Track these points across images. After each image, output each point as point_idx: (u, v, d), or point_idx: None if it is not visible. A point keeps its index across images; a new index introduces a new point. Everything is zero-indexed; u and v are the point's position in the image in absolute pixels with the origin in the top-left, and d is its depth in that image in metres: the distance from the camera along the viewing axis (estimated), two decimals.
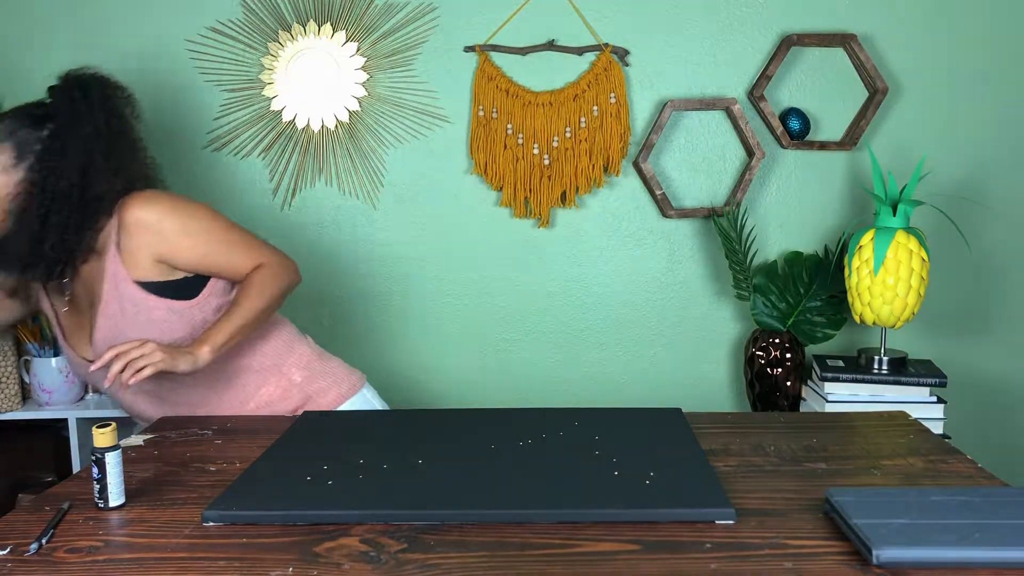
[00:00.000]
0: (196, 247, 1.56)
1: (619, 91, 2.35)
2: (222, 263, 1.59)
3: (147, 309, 1.53)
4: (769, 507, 1.12)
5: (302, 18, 2.34)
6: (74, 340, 1.62)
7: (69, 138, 1.53)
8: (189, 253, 1.55)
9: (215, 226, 1.59)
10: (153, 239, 1.53)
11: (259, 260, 1.60)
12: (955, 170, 2.41)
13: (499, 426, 1.43)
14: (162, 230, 1.53)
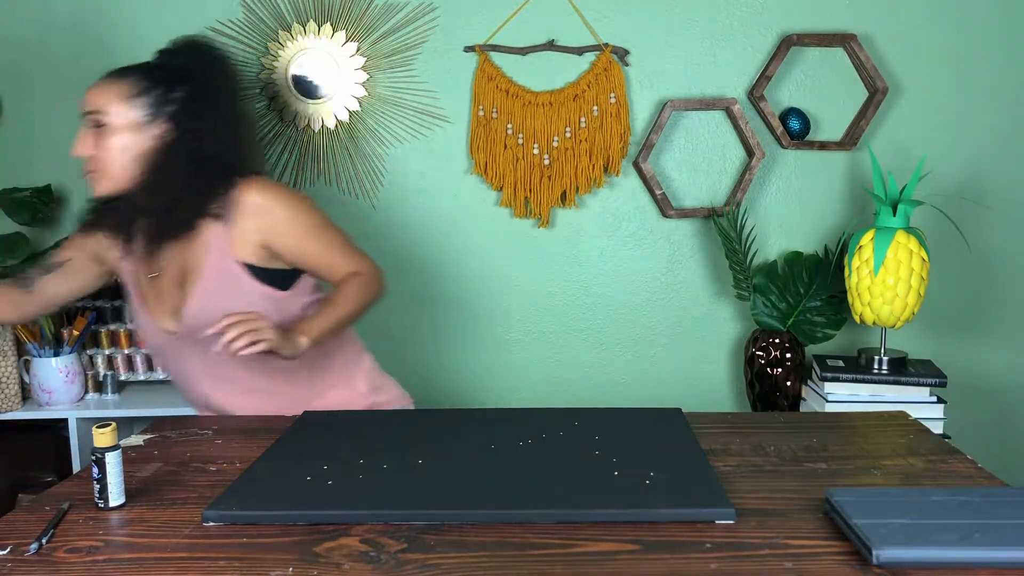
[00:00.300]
0: (303, 240, 1.58)
1: (619, 91, 2.35)
2: (322, 260, 1.60)
3: (245, 291, 1.55)
4: (769, 507, 1.12)
5: (302, 18, 2.34)
6: (152, 309, 1.61)
7: (205, 102, 1.57)
8: (295, 244, 1.57)
9: (322, 224, 1.61)
10: (265, 223, 1.55)
11: (356, 266, 1.62)
12: (955, 170, 2.41)
13: (499, 426, 1.43)
14: (276, 217, 1.55)
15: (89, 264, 1.69)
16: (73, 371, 2.17)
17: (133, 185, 1.55)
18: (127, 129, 1.53)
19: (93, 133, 1.54)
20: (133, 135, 1.54)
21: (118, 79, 1.55)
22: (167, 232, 1.55)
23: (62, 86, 2.38)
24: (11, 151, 2.40)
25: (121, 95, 1.53)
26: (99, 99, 1.53)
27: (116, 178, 1.55)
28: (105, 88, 1.54)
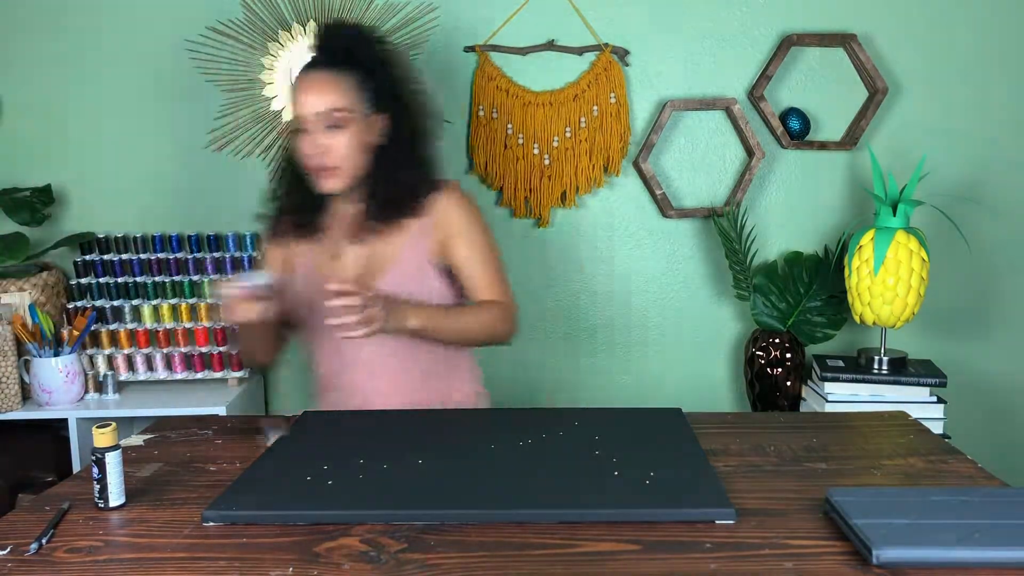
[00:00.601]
0: (472, 249, 1.65)
1: (619, 91, 2.35)
2: (476, 274, 1.66)
3: (429, 284, 1.62)
4: (769, 507, 1.12)
5: (302, 18, 2.34)
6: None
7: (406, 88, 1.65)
8: (466, 250, 1.65)
9: (491, 243, 1.70)
10: (451, 222, 1.64)
11: (500, 296, 1.68)
12: (955, 170, 2.41)
13: (499, 426, 1.43)
14: (461, 219, 1.65)
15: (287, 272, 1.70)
16: (73, 371, 2.17)
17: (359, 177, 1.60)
18: (358, 123, 1.56)
19: (325, 133, 1.55)
20: (362, 128, 1.57)
21: (336, 74, 1.55)
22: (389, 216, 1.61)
23: (62, 86, 2.38)
24: (11, 151, 2.40)
25: (350, 90, 1.55)
26: (331, 98, 1.54)
27: (350, 174, 1.59)
28: (331, 85, 1.54)
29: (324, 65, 1.56)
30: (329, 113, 1.53)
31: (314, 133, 1.54)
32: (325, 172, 1.56)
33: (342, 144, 1.55)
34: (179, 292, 2.35)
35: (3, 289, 2.19)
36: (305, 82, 1.56)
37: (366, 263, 1.63)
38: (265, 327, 1.59)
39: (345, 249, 1.65)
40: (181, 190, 2.42)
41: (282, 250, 1.71)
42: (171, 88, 2.37)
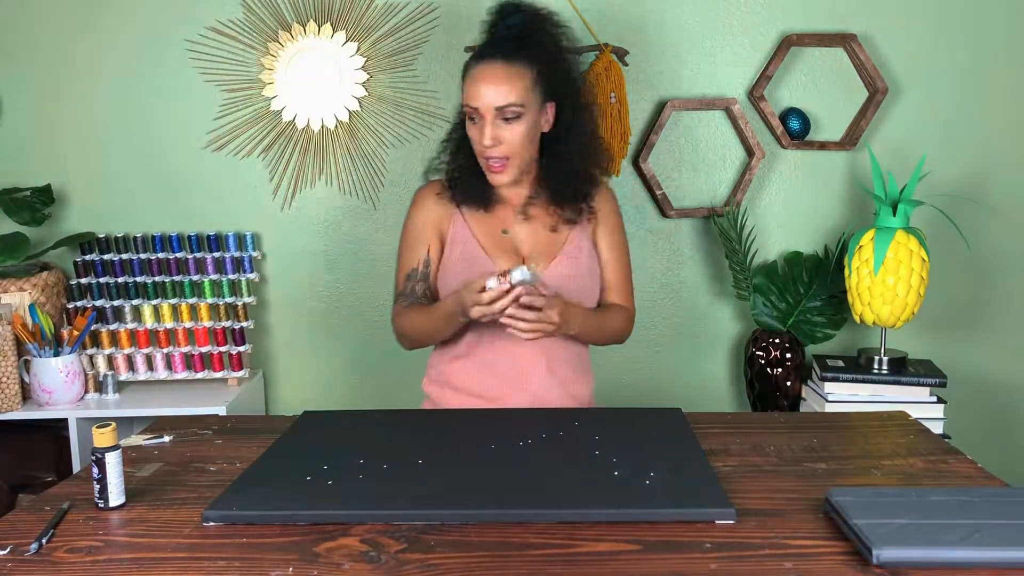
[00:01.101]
0: (615, 246, 1.74)
1: (619, 91, 2.35)
2: (613, 273, 1.74)
3: (592, 267, 1.69)
4: (769, 507, 1.12)
5: (302, 18, 2.34)
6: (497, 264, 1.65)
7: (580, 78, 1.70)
8: (610, 246, 1.73)
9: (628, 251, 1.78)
10: (605, 214, 1.72)
11: (627, 302, 1.77)
12: (955, 170, 2.41)
13: (499, 426, 1.43)
14: (613, 214, 1.74)
15: (439, 245, 1.72)
16: (73, 371, 2.17)
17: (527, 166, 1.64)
18: (533, 114, 1.59)
19: (501, 124, 1.57)
20: (536, 119, 1.60)
21: (517, 67, 1.56)
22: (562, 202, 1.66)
23: (62, 86, 2.38)
24: (11, 151, 2.40)
25: (523, 81, 1.56)
26: (511, 91, 1.55)
27: (520, 165, 1.63)
28: (510, 78, 1.55)
29: (504, 56, 1.57)
30: (507, 107, 1.55)
31: (488, 125, 1.56)
32: (497, 164, 1.59)
33: (517, 136, 1.58)
34: (179, 292, 2.35)
35: (3, 289, 2.19)
36: (484, 73, 1.56)
37: (537, 242, 1.67)
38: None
39: (515, 226, 1.69)
40: (181, 190, 2.42)
41: (438, 212, 1.71)
42: (171, 88, 2.37)
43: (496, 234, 1.68)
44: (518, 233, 1.69)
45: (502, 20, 1.64)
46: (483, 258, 1.65)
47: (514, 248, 1.68)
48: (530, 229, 1.69)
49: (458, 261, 1.66)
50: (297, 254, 2.45)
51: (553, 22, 1.66)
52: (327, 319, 2.48)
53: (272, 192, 2.42)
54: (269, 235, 2.45)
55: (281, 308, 2.48)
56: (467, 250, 1.67)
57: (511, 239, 1.68)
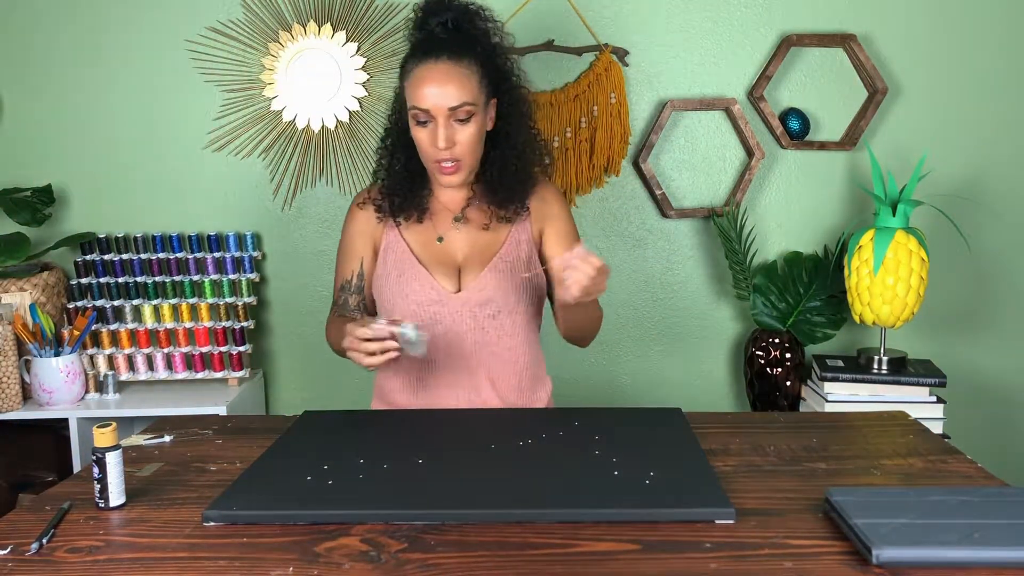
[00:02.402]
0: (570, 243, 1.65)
1: (619, 91, 2.35)
2: None
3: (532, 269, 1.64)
4: (769, 507, 1.12)
5: (302, 18, 2.34)
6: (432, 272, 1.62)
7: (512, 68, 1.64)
8: (561, 245, 1.65)
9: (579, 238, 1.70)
10: (550, 212, 1.67)
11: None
12: (955, 170, 2.41)
13: (499, 426, 1.43)
14: (558, 209, 1.68)
15: (372, 255, 1.68)
16: (73, 371, 2.17)
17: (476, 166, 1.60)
18: (481, 113, 1.55)
19: (453, 126, 1.53)
20: (483, 117, 1.56)
21: (456, 62, 1.52)
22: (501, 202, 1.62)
23: (62, 86, 2.38)
24: (11, 151, 2.40)
25: (472, 80, 1.52)
26: (461, 91, 1.51)
27: (472, 166, 1.59)
28: (459, 78, 1.51)
29: (451, 54, 1.52)
30: (460, 107, 1.51)
31: (440, 127, 1.52)
32: (449, 166, 1.55)
33: (468, 137, 1.54)
34: (179, 292, 2.35)
35: (4, 289, 2.19)
36: (432, 72, 1.51)
37: (473, 247, 1.63)
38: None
39: (451, 232, 1.64)
40: (181, 190, 2.42)
41: (372, 221, 1.67)
42: (171, 88, 2.38)
43: (431, 242, 1.64)
44: (453, 239, 1.64)
45: (433, 16, 1.58)
46: (417, 267, 1.61)
47: (450, 255, 1.63)
48: (465, 234, 1.64)
49: (391, 270, 1.63)
50: (297, 254, 2.46)
51: (484, 16, 1.61)
52: (327, 319, 2.48)
53: (272, 192, 2.42)
54: (269, 235, 2.45)
55: (281, 308, 2.48)
56: (400, 260, 1.62)
57: (446, 246, 1.63)
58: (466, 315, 1.59)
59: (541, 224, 1.67)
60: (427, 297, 1.60)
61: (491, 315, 1.59)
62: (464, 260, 1.63)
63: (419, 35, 1.59)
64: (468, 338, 1.60)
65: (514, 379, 1.65)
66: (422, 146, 1.56)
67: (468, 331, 1.60)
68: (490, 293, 1.59)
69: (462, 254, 1.63)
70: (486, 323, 1.59)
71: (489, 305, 1.59)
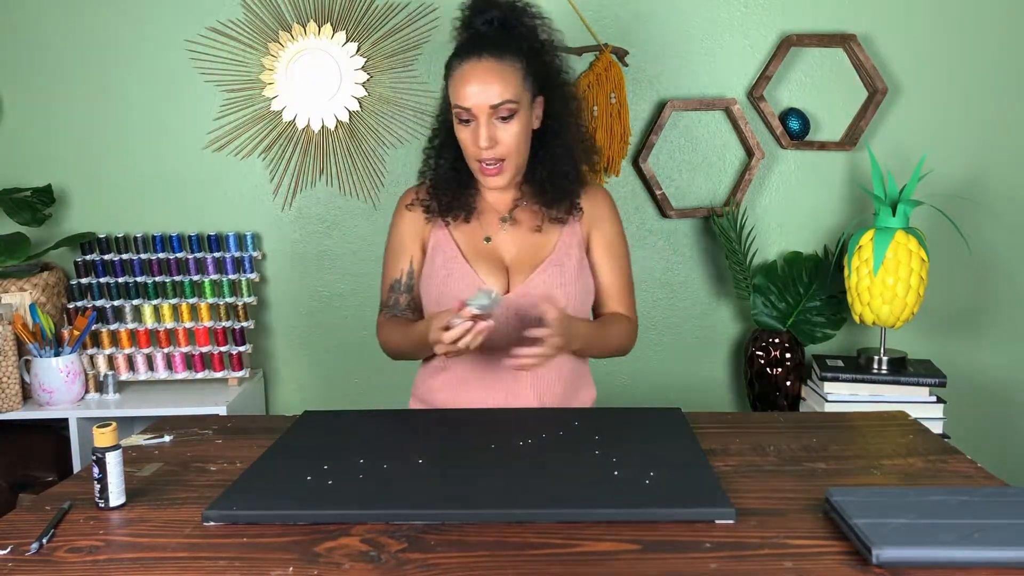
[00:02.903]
0: (612, 251, 1.65)
1: (619, 91, 2.35)
2: (612, 280, 1.66)
3: (581, 275, 1.60)
4: (769, 507, 1.12)
5: (302, 18, 2.34)
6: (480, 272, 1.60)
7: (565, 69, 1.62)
8: (606, 251, 1.64)
9: (627, 253, 1.69)
10: (599, 216, 1.64)
11: (628, 311, 1.69)
12: (955, 170, 2.41)
13: (499, 426, 1.43)
14: (608, 217, 1.65)
15: (420, 255, 1.67)
16: (74, 371, 2.17)
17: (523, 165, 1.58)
18: (525, 111, 1.53)
19: (495, 125, 1.51)
20: (528, 116, 1.54)
21: (498, 60, 1.50)
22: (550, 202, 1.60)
23: (62, 86, 2.38)
24: (11, 151, 2.40)
25: (515, 77, 1.50)
26: (503, 89, 1.49)
27: (517, 165, 1.57)
28: (502, 75, 1.49)
29: (493, 52, 1.50)
30: (502, 105, 1.49)
31: (483, 126, 1.50)
32: (493, 167, 1.53)
33: (512, 135, 1.51)
34: (179, 292, 2.35)
35: (4, 289, 2.19)
36: (474, 70, 1.49)
37: (522, 248, 1.61)
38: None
39: (499, 233, 1.62)
40: (181, 190, 2.42)
41: (420, 220, 1.66)
42: (171, 88, 2.38)
43: (478, 242, 1.62)
44: (502, 240, 1.62)
45: (479, 15, 1.57)
46: (464, 267, 1.59)
47: (497, 256, 1.61)
48: (513, 235, 1.62)
49: (439, 270, 1.61)
50: (297, 254, 2.46)
51: (531, 13, 1.59)
52: (327, 319, 2.48)
53: (272, 192, 2.42)
54: (269, 235, 2.45)
55: (281, 308, 2.48)
56: (448, 259, 1.61)
57: (494, 247, 1.62)
58: (512, 317, 1.57)
59: (590, 227, 1.65)
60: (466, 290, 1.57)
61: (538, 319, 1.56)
62: (512, 261, 1.61)
63: (465, 34, 1.58)
64: (514, 340, 1.57)
65: (558, 385, 1.63)
66: (465, 145, 1.54)
67: (514, 333, 1.57)
68: (544, 291, 1.56)
69: (510, 255, 1.62)
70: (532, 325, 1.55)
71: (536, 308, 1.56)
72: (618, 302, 1.67)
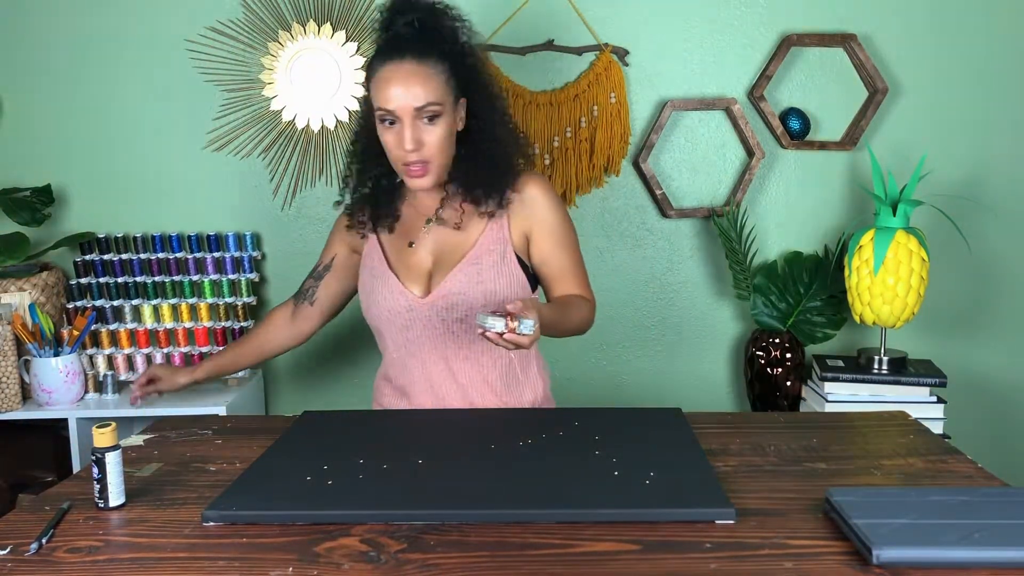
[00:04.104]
0: (559, 242, 1.62)
1: (619, 91, 2.35)
2: (564, 270, 1.64)
3: (507, 273, 1.58)
4: (769, 507, 1.12)
5: (302, 18, 2.34)
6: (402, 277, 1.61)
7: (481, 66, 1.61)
8: (552, 243, 1.62)
9: (575, 240, 1.66)
10: (537, 213, 1.60)
11: (585, 292, 1.66)
12: (955, 170, 2.41)
13: (499, 426, 1.43)
14: (547, 211, 1.61)
15: (351, 256, 1.71)
16: (73, 371, 2.17)
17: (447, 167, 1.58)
18: (449, 113, 1.53)
19: (420, 127, 1.50)
20: (451, 117, 1.54)
21: (430, 64, 1.50)
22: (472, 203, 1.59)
23: (62, 86, 2.38)
24: (11, 151, 2.40)
25: (438, 79, 1.50)
26: (427, 91, 1.48)
27: (442, 167, 1.56)
28: (426, 77, 1.49)
29: (415, 54, 1.50)
30: (426, 107, 1.49)
31: (407, 128, 1.50)
32: (417, 168, 1.52)
33: (437, 137, 1.51)
34: (179, 292, 2.35)
35: (3, 289, 2.19)
36: (397, 72, 1.49)
37: (443, 249, 1.61)
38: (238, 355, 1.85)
39: (421, 236, 1.63)
40: (181, 190, 2.42)
41: (350, 236, 1.71)
42: (171, 88, 2.38)
43: (404, 247, 1.64)
44: (425, 244, 1.62)
45: (399, 16, 1.56)
46: (388, 274, 1.61)
47: (419, 260, 1.62)
48: (435, 237, 1.62)
49: (367, 279, 1.64)
50: (297, 254, 2.45)
51: (451, 16, 1.58)
52: None
53: (272, 192, 2.42)
54: (269, 235, 2.45)
55: None
56: (375, 266, 1.63)
57: (416, 250, 1.63)
58: (435, 320, 1.58)
59: (526, 225, 1.61)
60: (397, 304, 1.60)
61: (459, 318, 1.57)
62: (434, 264, 1.61)
63: (385, 35, 1.58)
64: (440, 343, 1.60)
65: (497, 382, 1.63)
66: (389, 148, 1.53)
67: (439, 336, 1.59)
68: (456, 297, 1.56)
69: (432, 258, 1.62)
70: (455, 327, 1.58)
71: (456, 309, 1.57)
72: (572, 284, 1.64)
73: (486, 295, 1.56)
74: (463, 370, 1.61)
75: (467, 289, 1.56)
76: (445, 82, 1.51)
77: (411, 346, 1.61)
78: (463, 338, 1.59)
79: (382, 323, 1.62)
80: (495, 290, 1.57)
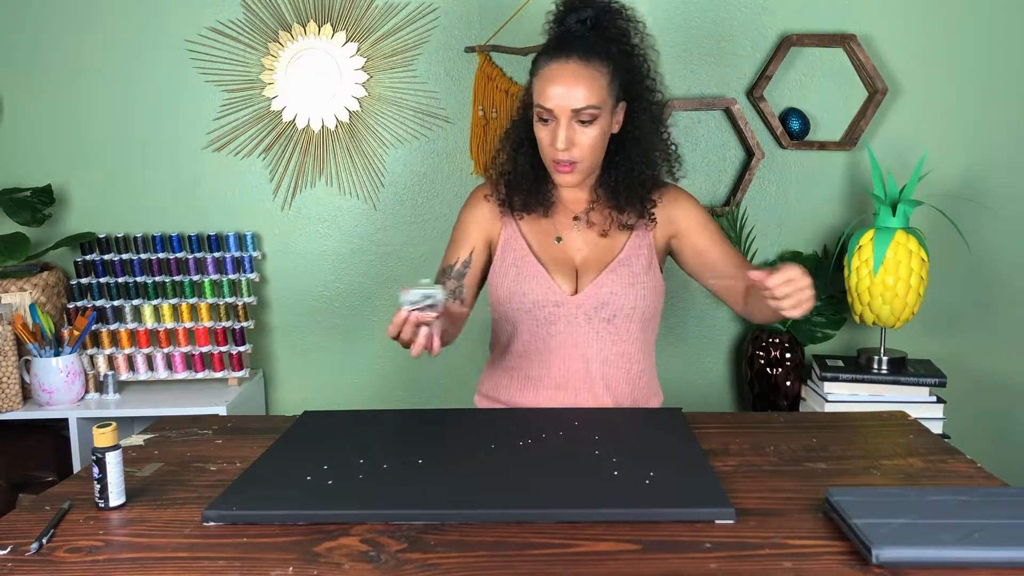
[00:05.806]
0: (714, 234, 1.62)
1: None
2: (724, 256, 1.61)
3: (653, 281, 1.60)
4: (769, 507, 1.12)
5: (302, 18, 2.34)
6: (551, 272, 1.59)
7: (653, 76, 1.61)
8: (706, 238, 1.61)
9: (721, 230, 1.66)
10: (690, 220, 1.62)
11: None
12: (955, 170, 2.41)
13: (499, 426, 1.43)
14: (694, 211, 1.63)
15: (486, 248, 1.66)
16: (73, 371, 2.17)
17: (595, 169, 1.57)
18: (606, 116, 1.52)
19: (574, 128, 1.49)
20: (607, 121, 1.53)
21: (585, 62, 1.48)
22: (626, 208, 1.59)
23: (62, 86, 2.38)
24: (11, 151, 2.40)
25: (600, 82, 1.49)
26: (587, 94, 1.47)
27: (590, 168, 1.56)
28: (587, 80, 1.47)
29: (581, 55, 1.48)
30: (584, 110, 1.48)
31: (562, 127, 1.49)
32: (566, 166, 1.52)
33: (589, 139, 1.50)
34: (179, 292, 2.35)
35: (4, 289, 2.19)
36: (560, 72, 1.48)
37: (592, 249, 1.61)
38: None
39: (569, 232, 1.62)
40: (181, 190, 2.42)
41: (492, 213, 1.64)
42: (171, 88, 2.38)
43: (549, 241, 1.62)
44: (573, 240, 1.61)
45: (572, 13, 1.54)
46: (535, 266, 1.58)
47: (567, 256, 1.61)
48: (584, 237, 1.62)
49: (510, 267, 1.60)
50: (297, 254, 2.46)
51: (626, 16, 1.57)
52: (327, 319, 2.48)
53: (272, 192, 2.42)
54: (269, 235, 2.45)
55: (281, 308, 2.48)
56: (519, 256, 1.60)
57: (564, 247, 1.61)
58: (581, 318, 1.57)
59: (670, 228, 1.62)
60: (544, 297, 1.58)
61: (606, 319, 1.57)
62: (582, 262, 1.61)
63: (555, 31, 1.56)
64: (582, 340, 1.59)
65: (627, 386, 1.63)
66: (542, 143, 1.54)
67: (583, 334, 1.58)
68: (606, 297, 1.57)
69: (580, 256, 1.61)
70: (600, 327, 1.58)
71: (604, 309, 1.57)
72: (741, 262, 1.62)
73: (637, 297, 1.58)
74: (600, 370, 1.60)
75: (619, 291, 1.57)
76: (607, 85, 1.50)
77: (552, 340, 1.59)
78: (607, 338, 1.59)
79: (522, 314, 1.59)
80: (644, 293, 1.59)
